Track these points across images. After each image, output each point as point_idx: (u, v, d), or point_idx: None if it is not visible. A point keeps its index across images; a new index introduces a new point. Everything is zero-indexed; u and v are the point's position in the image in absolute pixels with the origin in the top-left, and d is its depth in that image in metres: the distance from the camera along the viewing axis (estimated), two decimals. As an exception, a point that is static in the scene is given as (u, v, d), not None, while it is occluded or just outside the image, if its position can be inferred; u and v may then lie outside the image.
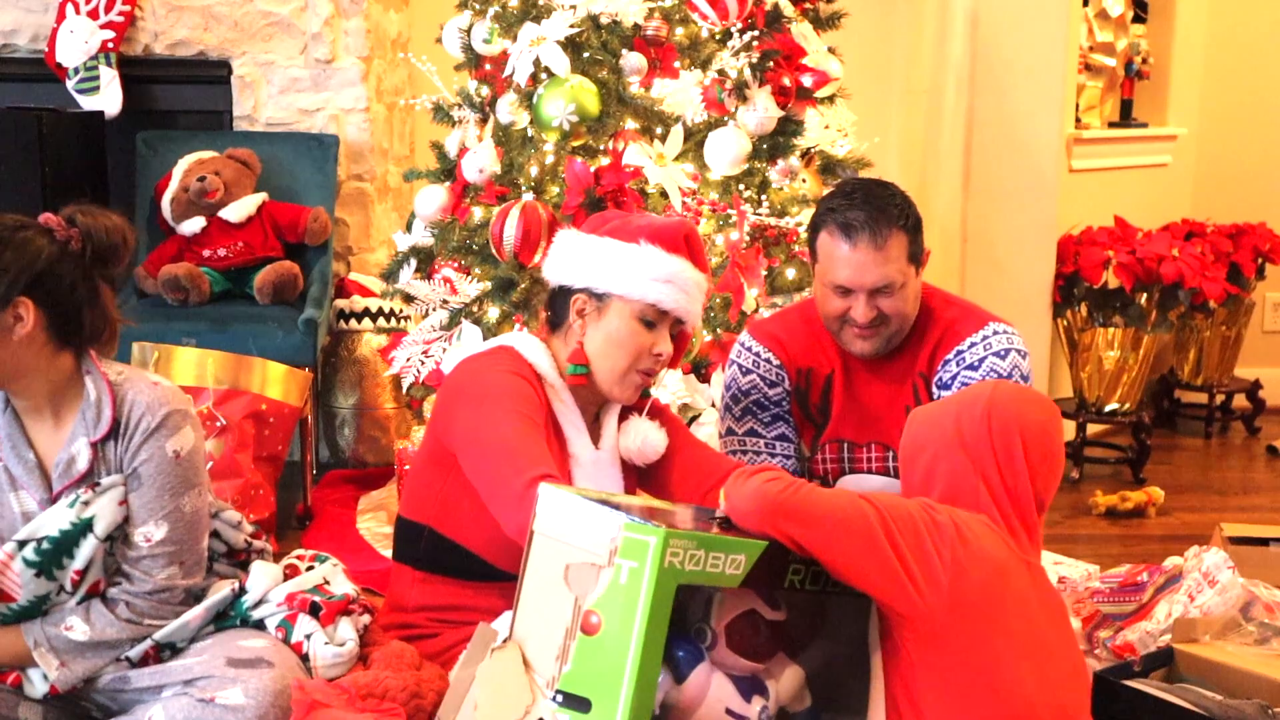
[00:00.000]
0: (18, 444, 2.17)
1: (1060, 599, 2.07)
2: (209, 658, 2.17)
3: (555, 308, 2.34)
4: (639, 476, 2.43)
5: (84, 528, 2.14)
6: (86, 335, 2.16)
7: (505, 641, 1.87)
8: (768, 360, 2.59)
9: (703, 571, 1.78)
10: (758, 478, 1.88)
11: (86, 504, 2.14)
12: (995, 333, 2.50)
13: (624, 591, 1.74)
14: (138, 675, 2.19)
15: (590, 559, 1.78)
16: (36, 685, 2.18)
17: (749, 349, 2.62)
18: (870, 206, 2.40)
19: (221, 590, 2.27)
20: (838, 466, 2.59)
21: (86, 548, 2.14)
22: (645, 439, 2.37)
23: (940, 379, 2.50)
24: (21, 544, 2.13)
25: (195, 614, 2.22)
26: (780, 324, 2.63)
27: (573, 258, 2.30)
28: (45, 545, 2.13)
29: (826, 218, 2.44)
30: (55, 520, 2.13)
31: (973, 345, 2.49)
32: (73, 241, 2.13)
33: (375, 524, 3.65)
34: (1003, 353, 2.47)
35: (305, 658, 2.22)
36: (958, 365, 2.47)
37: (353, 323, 4.10)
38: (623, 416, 2.41)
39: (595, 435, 2.36)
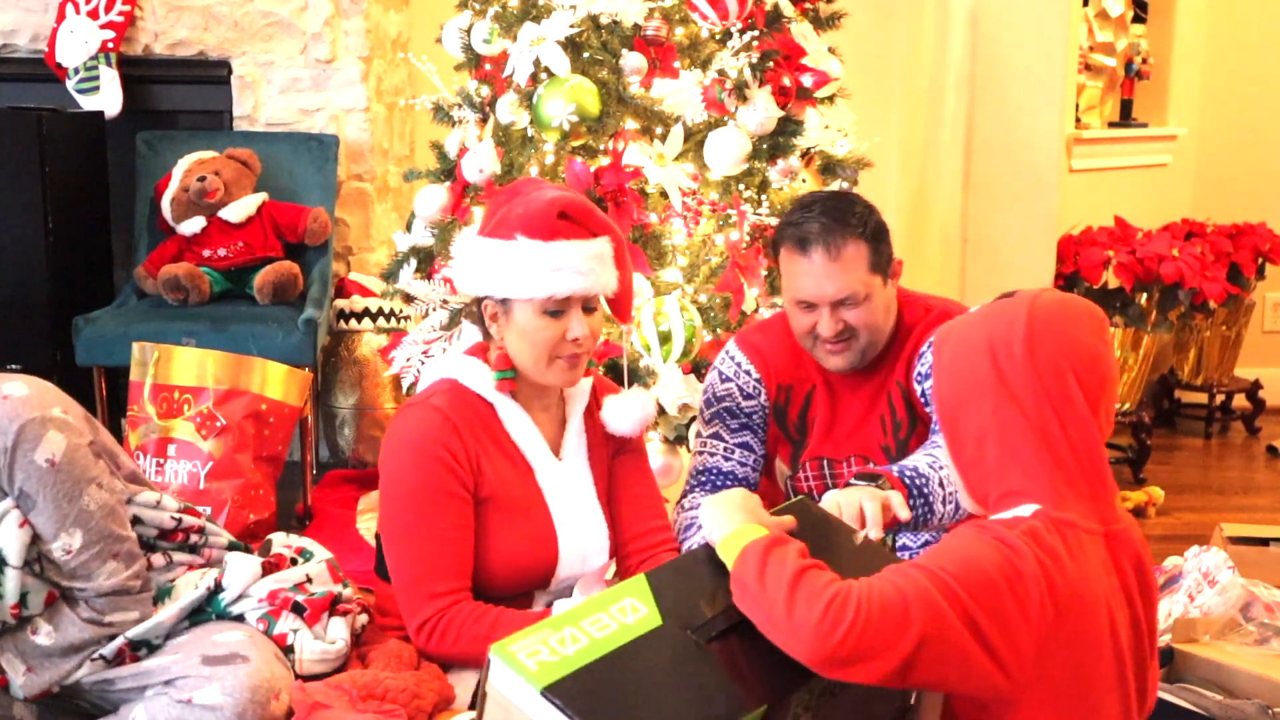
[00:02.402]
0: None
1: (1142, 568, 1.80)
2: (184, 656, 2.14)
3: (478, 317, 2.30)
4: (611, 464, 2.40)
5: None
6: None
7: None
8: (748, 372, 2.57)
9: None
10: (807, 605, 1.57)
11: None
12: None
13: None
14: (120, 676, 2.16)
15: None
16: (17, 690, 2.15)
17: (732, 358, 2.60)
18: (826, 217, 2.36)
19: (195, 590, 2.22)
20: (821, 484, 2.57)
21: (9, 580, 2.08)
22: (633, 411, 2.33)
23: (919, 372, 2.46)
24: None
25: (169, 614, 2.18)
26: (765, 337, 2.60)
27: (469, 265, 2.25)
28: None
29: (784, 232, 2.42)
30: None
31: None
32: None
33: (375, 524, 3.64)
34: None
35: (290, 649, 2.19)
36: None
37: (353, 323, 4.10)
38: (597, 401, 2.37)
39: (561, 437, 2.33)
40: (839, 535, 1.91)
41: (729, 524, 1.75)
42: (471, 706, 2.15)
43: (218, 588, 2.24)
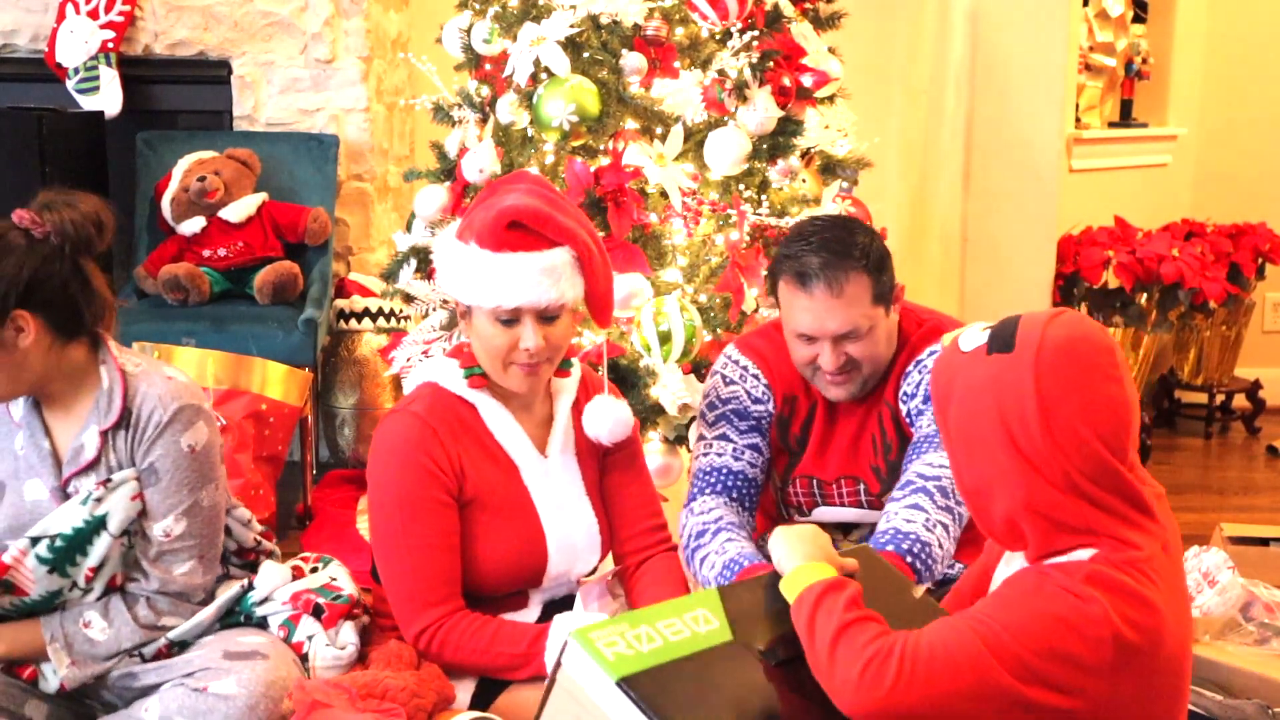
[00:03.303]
0: (35, 431, 2.18)
1: (1181, 568, 1.79)
2: (207, 651, 2.18)
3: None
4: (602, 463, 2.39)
5: (97, 525, 2.14)
6: (89, 324, 2.16)
7: None
8: (755, 377, 2.49)
9: None
10: (849, 660, 1.59)
11: (99, 500, 2.14)
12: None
13: None
14: (144, 672, 2.20)
15: None
16: (50, 680, 2.18)
17: (736, 362, 2.51)
18: (827, 250, 2.27)
19: (232, 588, 2.28)
20: (810, 500, 2.53)
21: (100, 545, 2.15)
22: (611, 420, 2.31)
23: (904, 391, 2.40)
24: (35, 540, 2.13)
25: (208, 613, 2.23)
26: (769, 346, 2.51)
27: (441, 264, 2.25)
28: (58, 543, 2.13)
29: (783, 265, 2.33)
30: (68, 517, 2.14)
31: (932, 353, 2.36)
32: (52, 237, 2.10)
33: (375, 524, 3.65)
34: None
35: (305, 658, 2.23)
36: (920, 374, 2.37)
37: (353, 323, 4.10)
38: (587, 396, 2.37)
39: (547, 434, 2.32)
40: (897, 585, 1.91)
41: (794, 558, 1.77)
42: (473, 706, 2.15)
43: (249, 586, 2.30)
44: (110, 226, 2.18)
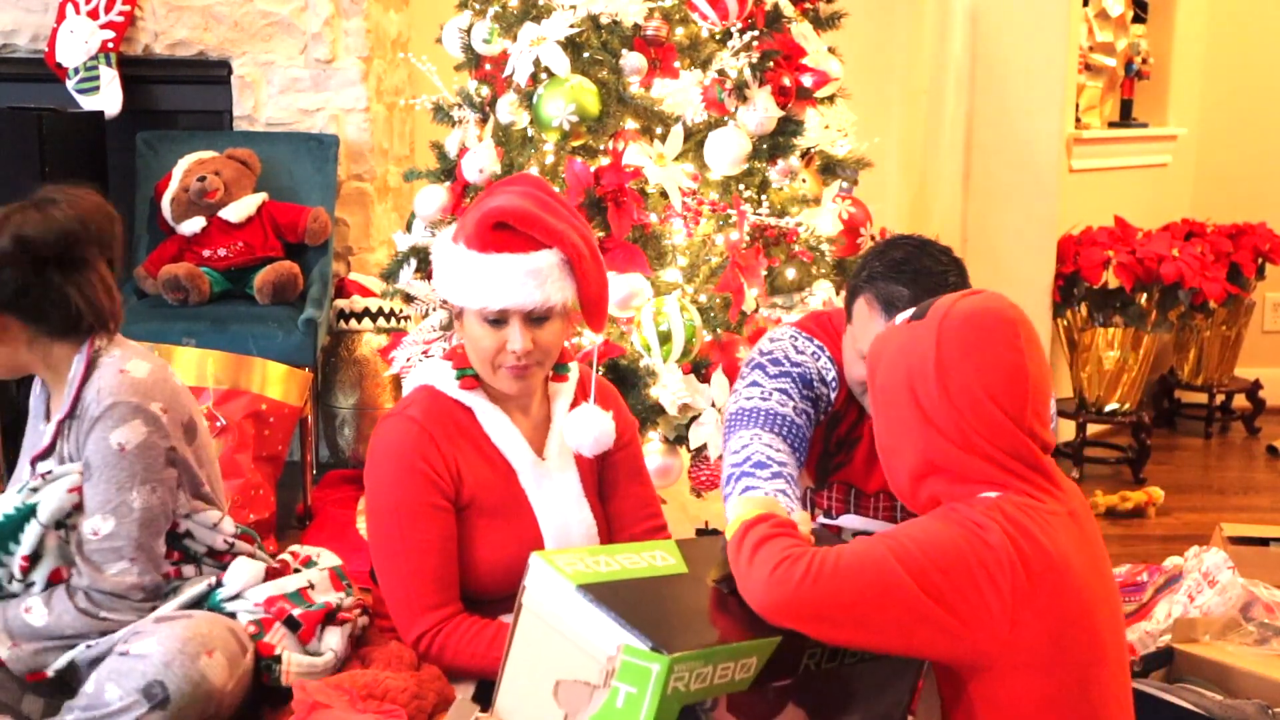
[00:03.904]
0: (39, 419, 2.28)
1: (1102, 542, 1.84)
2: (142, 620, 2.19)
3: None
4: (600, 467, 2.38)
5: (28, 513, 2.16)
6: (86, 324, 2.19)
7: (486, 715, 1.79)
8: (830, 362, 2.38)
9: (709, 687, 1.64)
10: (763, 562, 1.66)
11: (34, 490, 2.18)
12: None
13: (620, 716, 1.61)
14: (108, 649, 2.19)
15: (583, 674, 1.65)
16: (10, 663, 2.20)
17: (810, 340, 2.39)
18: (918, 286, 2.16)
19: (199, 584, 2.26)
20: (843, 506, 2.49)
21: (30, 533, 2.16)
22: (594, 430, 2.29)
23: None
24: None
25: (168, 608, 2.22)
26: (831, 338, 2.41)
27: (437, 265, 2.25)
28: None
29: (868, 286, 2.21)
30: (2, 505, 2.18)
31: None
32: (19, 243, 2.13)
33: (375, 524, 3.65)
34: None
35: (277, 659, 2.21)
36: None
37: (353, 323, 4.10)
38: (586, 397, 2.36)
39: (544, 437, 2.32)
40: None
41: (733, 507, 1.89)
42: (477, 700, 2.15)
43: (217, 584, 2.27)
44: (100, 226, 2.21)
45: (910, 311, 1.85)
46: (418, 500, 2.17)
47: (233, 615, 2.24)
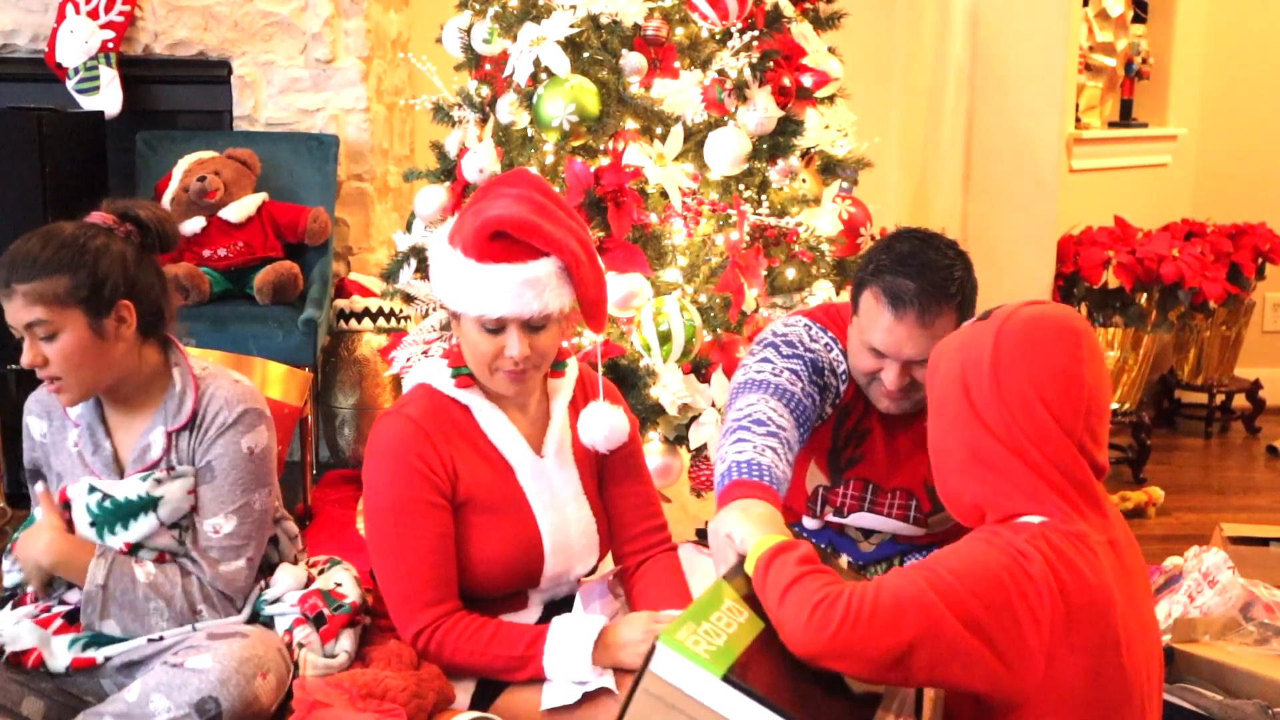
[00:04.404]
0: (96, 433, 2.23)
1: (1145, 572, 1.83)
2: (194, 634, 2.21)
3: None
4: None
5: (150, 503, 2.19)
6: (166, 324, 2.24)
7: None
8: (842, 355, 2.40)
9: None
10: (799, 605, 1.63)
11: (159, 482, 2.20)
12: None
13: None
14: (144, 656, 2.21)
15: None
16: (59, 657, 2.20)
17: (822, 330, 2.42)
18: (924, 280, 2.20)
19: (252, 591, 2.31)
20: (857, 504, 2.48)
21: (144, 523, 2.20)
22: (606, 427, 2.30)
23: None
24: (92, 490, 2.19)
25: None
26: (842, 334, 2.41)
27: (432, 266, 2.26)
28: (108, 504, 2.19)
29: (874, 279, 2.24)
30: (129, 487, 2.20)
31: None
32: (132, 236, 2.19)
33: (375, 524, 3.65)
34: None
35: (297, 664, 2.23)
36: None
37: (353, 323, 4.10)
38: (584, 395, 2.36)
39: (543, 434, 2.32)
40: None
41: (751, 535, 1.84)
42: (473, 707, 2.15)
43: (265, 586, 2.32)
44: (175, 233, 2.28)
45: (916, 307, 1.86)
46: (414, 497, 2.17)
47: (270, 619, 2.28)
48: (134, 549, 2.21)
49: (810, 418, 2.34)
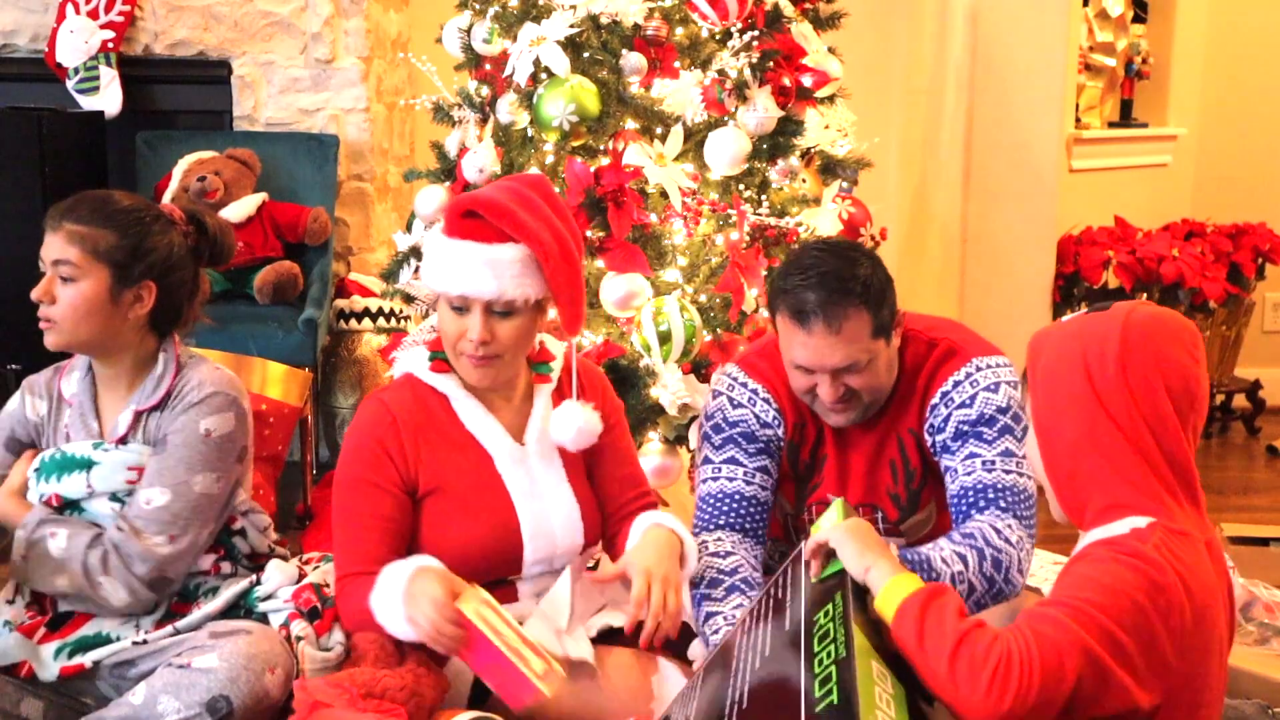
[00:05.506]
0: (86, 412, 2.28)
1: (1228, 577, 1.83)
2: (195, 635, 2.21)
3: None
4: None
5: (85, 464, 2.22)
6: (180, 325, 2.30)
7: None
8: (766, 400, 2.42)
9: None
10: (972, 669, 1.61)
11: (105, 451, 2.23)
12: (979, 369, 2.34)
13: None
14: (140, 658, 2.21)
15: None
16: (48, 667, 2.21)
17: (745, 385, 2.44)
18: (825, 288, 2.20)
19: (239, 583, 2.31)
20: None
21: (73, 480, 2.23)
22: (574, 429, 2.30)
23: (931, 424, 2.36)
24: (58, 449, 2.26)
25: (215, 605, 2.26)
26: (774, 369, 2.42)
27: (424, 254, 2.35)
28: (57, 455, 2.25)
29: (780, 300, 2.26)
30: (78, 446, 2.24)
31: (958, 385, 2.33)
32: (189, 238, 2.27)
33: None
34: (993, 386, 2.31)
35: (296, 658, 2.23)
36: (947, 407, 2.33)
37: (353, 323, 4.10)
38: (570, 385, 2.37)
39: (525, 422, 2.33)
40: None
41: (879, 571, 1.80)
42: (471, 705, 2.15)
43: (257, 582, 2.32)
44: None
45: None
46: (361, 476, 2.24)
47: (264, 616, 2.28)
48: (70, 508, 2.23)
49: (765, 495, 2.44)
